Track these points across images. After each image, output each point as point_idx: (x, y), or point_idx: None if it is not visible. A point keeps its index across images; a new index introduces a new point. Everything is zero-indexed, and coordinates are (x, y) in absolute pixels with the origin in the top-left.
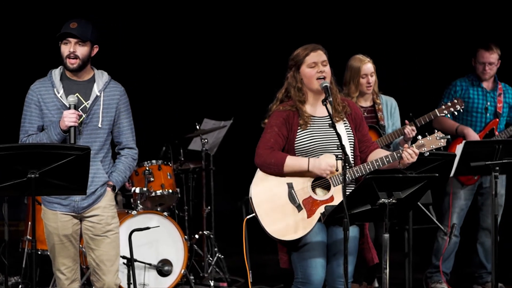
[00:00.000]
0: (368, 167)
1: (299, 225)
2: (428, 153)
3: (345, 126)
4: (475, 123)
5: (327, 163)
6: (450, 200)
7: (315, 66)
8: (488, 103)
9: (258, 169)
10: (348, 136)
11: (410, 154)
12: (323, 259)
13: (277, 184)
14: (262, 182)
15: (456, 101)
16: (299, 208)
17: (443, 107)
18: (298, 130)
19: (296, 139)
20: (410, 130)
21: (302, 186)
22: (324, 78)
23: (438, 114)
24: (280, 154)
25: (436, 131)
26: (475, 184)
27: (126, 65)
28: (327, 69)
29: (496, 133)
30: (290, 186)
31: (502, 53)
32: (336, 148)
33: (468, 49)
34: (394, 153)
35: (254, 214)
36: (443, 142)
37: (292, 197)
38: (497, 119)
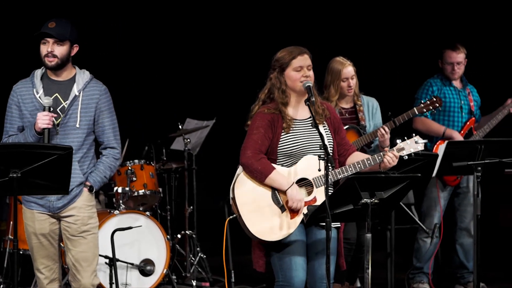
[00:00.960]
0: (350, 169)
1: (283, 225)
2: (406, 156)
3: (324, 129)
4: (453, 123)
5: (300, 201)
6: (439, 200)
7: (300, 70)
8: (462, 102)
9: (239, 169)
10: (327, 139)
11: (391, 158)
12: (303, 260)
13: (261, 185)
14: (245, 183)
15: (434, 99)
16: (282, 209)
17: (422, 105)
18: (282, 134)
19: (280, 143)
20: (382, 132)
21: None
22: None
23: (417, 113)
24: (268, 165)
25: (414, 134)
26: (453, 185)
27: (108, 65)
28: (312, 73)
29: (474, 131)
30: (273, 187)
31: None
32: (318, 148)
33: (433, 50)
34: (376, 156)
35: (236, 215)
36: (421, 146)
37: (275, 198)
38: (474, 118)
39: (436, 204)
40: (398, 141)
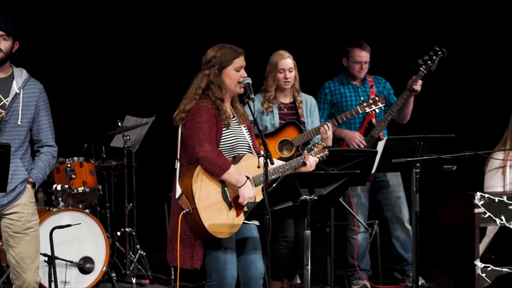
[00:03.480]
0: (281, 170)
1: (231, 223)
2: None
3: (245, 128)
4: (352, 120)
5: (250, 195)
6: (350, 199)
7: (240, 70)
8: (362, 98)
9: (178, 164)
10: (249, 138)
11: (314, 162)
12: (235, 258)
13: (214, 181)
14: (200, 178)
15: (377, 98)
16: (230, 206)
17: (364, 104)
18: (223, 129)
19: (222, 138)
20: (324, 129)
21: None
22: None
23: (360, 111)
24: (227, 160)
25: (320, 141)
26: (370, 180)
27: (47, 62)
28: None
29: (375, 123)
30: (223, 183)
31: (373, 47)
32: (247, 149)
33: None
34: (299, 159)
35: (188, 210)
36: (327, 151)
37: (225, 195)
38: (372, 111)
39: (356, 202)
40: (305, 151)
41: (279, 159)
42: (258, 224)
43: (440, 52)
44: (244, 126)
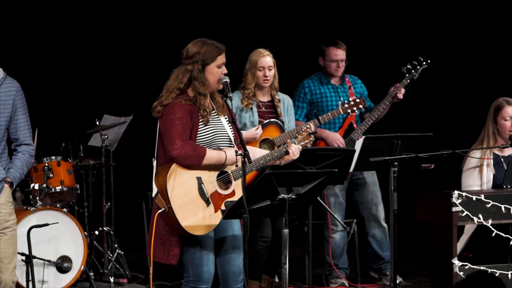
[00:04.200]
0: (262, 161)
1: (207, 220)
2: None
3: (226, 120)
4: (332, 121)
5: (233, 156)
6: (325, 199)
7: (221, 67)
8: (342, 99)
9: (159, 164)
10: (230, 130)
11: (296, 149)
12: (213, 255)
13: (189, 178)
14: (177, 175)
15: (358, 100)
16: (207, 202)
17: (346, 106)
18: (200, 124)
19: (198, 134)
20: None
21: (209, 180)
22: None
23: (342, 113)
24: (199, 147)
25: (306, 127)
26: (347, 179)
27: (23, 60)
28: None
29: (355, 126)
30: (199, 180)
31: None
32: (228, 142)
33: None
34: (281, 149)
35: (164, 209)
36: (313, 137)
37: (202, 192)
38: (353, 113)
39: (333, 202)
40: (288, 140)
41: None
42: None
43: (424, 63)
44: (224, 117)
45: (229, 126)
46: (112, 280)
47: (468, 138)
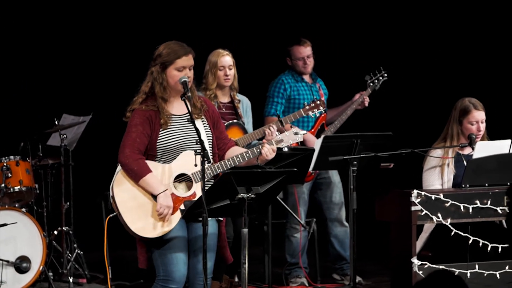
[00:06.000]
0: (229, 163)
1: (161, 223)
2: (286, 148)
3: (203, 123)
4: (307, 118)
5: (168, 208)
6: (296, 199)
7: (183, 70)
8: (315, 97)
9: (119, 166)
10: (206, 134)
11: (268, 150)
12: (184, 255)
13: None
14: (124, 180)
15: (318, 102)
16: None
17: (307, 107)
18: (160, 130)
19: (158, 139)
20: (269, 131)
21: (165, 184)
22: (190, 82)
23: (304, 114)
24: (144, 167)
25: (292, 126)
26: (312, 178)
27: None
28: (192, 73)
29: (326, 127)
30: None
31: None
32: (195, 144)
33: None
34: (254, 149)
35: (116, 213)
36: (300, 137)
37: (154, 195)
38: (325, 113)
39: (302, 200)
40: (277, 133)
41: None
42: (221, 220)
43: (385, 74)
44: (202, 121)
45: (206, 126)
46: (71, 280)
47: (427, 137)
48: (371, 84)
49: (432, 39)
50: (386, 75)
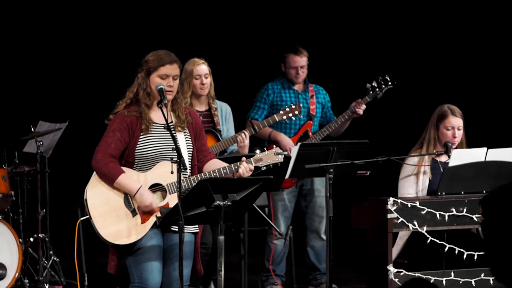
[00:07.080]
0: (206, 177)
1: (132, 230)
2: (265, 167)
3: (185, 135)
4: (290, 126)
5: (150, 205)
6: (270, 206)
7: (166, 78)
8: (301, 105)
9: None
10: (187, 146)
11: (245, 168)
12: (159, 263)
13: (114, 188)
14: (99, 184)
15: (293, 106)
16: (133, 213)
17: (282, 112)
18: (141, 135)
19: (137, 146)
20: (241, 138)
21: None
22: (171, 92)
23: (277, 120)
24: (116, 169)
25: (274, 146)
26: (296, 186)
27: None
28: (176, 83)
29: (311, 134)
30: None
31: (310, 55)
32: (173, 151)
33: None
34: (232, 165)
35: (88, 216)
36: (280, 158)
37: (127, 202)
38: (311, 121)
39: (279, 208)
40: (257, 151)
41: None
42: (197, 231)
43: (390, 83)
44: (185, 133)
45: (188, 139)
46: (47, 287)
47: (404, 145)
48: (371, 92)
49: (411, 46)
50: (391, 84)
